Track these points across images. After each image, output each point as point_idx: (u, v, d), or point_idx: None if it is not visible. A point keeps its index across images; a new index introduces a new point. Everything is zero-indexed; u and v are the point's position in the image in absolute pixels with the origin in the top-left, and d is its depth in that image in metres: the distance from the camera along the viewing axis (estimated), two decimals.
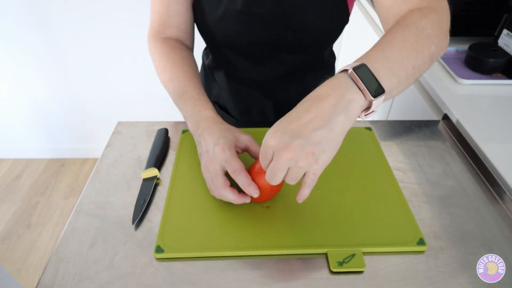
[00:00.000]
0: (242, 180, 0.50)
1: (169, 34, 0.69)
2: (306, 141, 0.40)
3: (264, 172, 0.47)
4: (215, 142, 0.53)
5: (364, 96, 0.42)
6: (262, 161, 0.45)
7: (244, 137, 0.55)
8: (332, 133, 0.41)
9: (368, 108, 0.44)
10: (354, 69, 0.42)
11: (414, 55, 0.47)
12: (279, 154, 0.41)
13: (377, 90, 0.42)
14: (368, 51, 0.47)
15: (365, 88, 0.42)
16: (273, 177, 0.44)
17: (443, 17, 0.53)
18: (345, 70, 0.44)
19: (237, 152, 0.54)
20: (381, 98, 0.43)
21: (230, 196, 0.51)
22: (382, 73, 0.44)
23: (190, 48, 0.74)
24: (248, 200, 0.53)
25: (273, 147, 0.42)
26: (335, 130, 0.41)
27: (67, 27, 1.62)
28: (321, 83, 0.44)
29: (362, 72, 0.42)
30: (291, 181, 0.44)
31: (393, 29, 0.50)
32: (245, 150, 0.56)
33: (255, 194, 0.50)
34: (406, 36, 0.48)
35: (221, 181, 0.52)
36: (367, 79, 0.42)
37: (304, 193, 0.46)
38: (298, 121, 0.41)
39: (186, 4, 0.67)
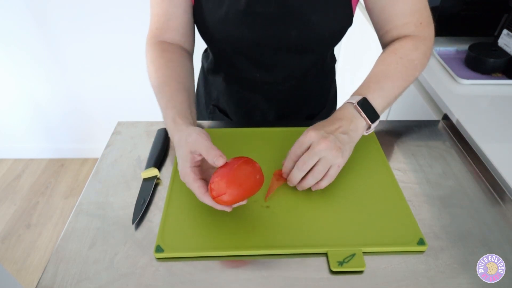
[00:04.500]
0: (206, 203, 0.51)
1: (167, 37, 0.68)
2: (336, 138, 0.54)
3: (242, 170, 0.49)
4: (178, 164, 0.53)
5: (366, 122, 0.58)
6: (293, 153, 0.55)
7: (193, 148, 0.51)
8: (350, 139, 0.56)
9: (368, 128, 0.59)
10: (358, 103, 0.58)
11: (402, 84, 0.62)
12: (318, 142, 0.53)
13: (374, 117, 0.58)
14: (369, 78, 0.62)
15: (366, 117, 0.58)
16: (304, 163, 0.53)
17: (429, 45, 0.66)
18: (351, 103, 0.58)
19: (199, 161, 0.53)
20: (377, 122, 0.59)
21: (222, 209, 0.51)
22: (378, 102, 0.59)
23: (189, 51, 0.73)
24: (242, 203, 0.52)
25: (313, 138, 0.53)
26: (351, 139, 0.57)
27: (67, 26, 1.62)
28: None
29: (364, 105, 0.58)
30: (318, 174, 0.53)
31: (388, 60, 0.63)
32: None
33: (228, 209, 0.51)
34: (398, 69, 0.62)
35: (207, 201, 0.51)
36: (367, 110, 0.58)
37: (322, 184, 0.55)
38: (329, 127, 0.56)
39: (185, 6, 0.66)
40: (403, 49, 0.63)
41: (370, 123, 0.58)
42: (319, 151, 0.52)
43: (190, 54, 0.73)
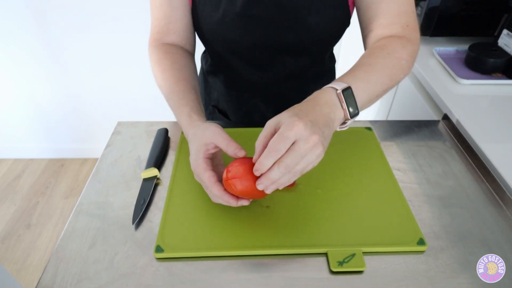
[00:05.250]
0: (215, 193, 0.50)
1: (168, 40, 0.68)
2: (323, 133, 0.46)
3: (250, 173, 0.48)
4: (191, 156, 0.53)
5: (344, 115, 0.51)
6: (274, 148, 0.44)
7: (210, 140, 0.52)
8: (330, 133, 0.49)
9: (343, 123, 0.53)
10: (342, 91, 0.50)
11: (387, 82, 0.57)
12: (307, 141, 0.44)
13: (354, 113, 0.51)
14: (354, 68, 0.56)
15: (346, 109, 0.50)
16: (287, 168, 0.45)
17: (416, 49, 0.62)
18: (334, 88, 0.51)
19: (214, 153, 0.53)
20: (354, 118, 0.52)
21: (229, 201, 0.51)
22: (360, 95, 0.52)
23: (191, 52, 0.73)
24: (245, 203, 0.51)
25: (301, 133, 0.44)
26: (331, 132, 0.49)
27: (68, 26, 1.62)
28: (318, 88, 0.53)
29: (347, 96, 0.50)
30: (295, 174, 0.46)
31: (376, 54, 0.58)
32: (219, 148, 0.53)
33: (234, 203, 0.50)
34: (386, 64, 0.57)
35: (216, 191, 0.50)
36: (349, 102, 0.51)
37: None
38: (313, 115, 0.47)
39: (185, 9, 0.67)
40: (391, 46, 0.59)
41: (348, 117, 0.51)
42: (305, 151, 0.44)
43: (191, 54, 0.73)
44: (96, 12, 1.58)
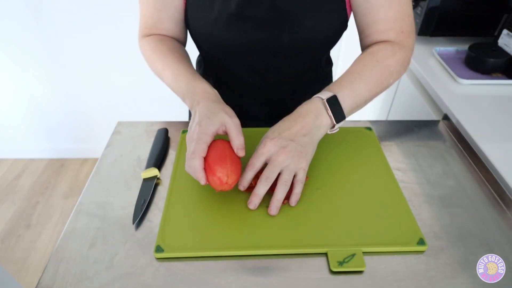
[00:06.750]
0: (195, 165, 0.51)
1: (159, 30, 0.70)
2: (297, 144, 0.54)
3: (226, 156, 0.52)
4: (198, 122, 0.53)
5: (331, 120, 0.57)
6: (252, 164, 0.54)
7: (227, 121, 0.54)
8: (312, 140, 0.56)
9: (332, 127, 0.58)
10: (327, 100, 0.57)
11: (375, 89, 0.61)
12: (278, 154, 0.53)
13: (341, 117, 0.57)
14: (343, 76, 0.61)
15: (332, 115, 0.57)
16: (267, 178, 0.53)
17: (408, 55, 0.65)
18: (320, 98, 0.57)
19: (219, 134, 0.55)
20: (342, 122, 0.58)
21: (201, 178, 0.52)
22: (347, 102, 0.58)
23: (183, 44, 0.74)
24: (202, 181, 0.52)
25: (271, 150, 0.53)
26: (313, 138, 0.56)
27: (68, 26, 1.62)
28: (314, 92, 0.60)
29: (333, 104, 0.57)
30: (283, 184, 0.53)
31: (365, 61, 0.62)
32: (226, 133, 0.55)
33: (202, 181, 0.52)
34: (374, 72, 0.61)
35: (197, 164, 0.52)
36: (335, 109, 0.57)
37: (297, 192, 0.55)
38: (289, 130, 0.55)
39: (173, 11, 0.67)
40: (381, 53, 0.62)
41: (334, 122, 0.57)
42: (279, 163, 0.52)
43: (184, 46, 0.75)
44: (96, 12, 1.58)
